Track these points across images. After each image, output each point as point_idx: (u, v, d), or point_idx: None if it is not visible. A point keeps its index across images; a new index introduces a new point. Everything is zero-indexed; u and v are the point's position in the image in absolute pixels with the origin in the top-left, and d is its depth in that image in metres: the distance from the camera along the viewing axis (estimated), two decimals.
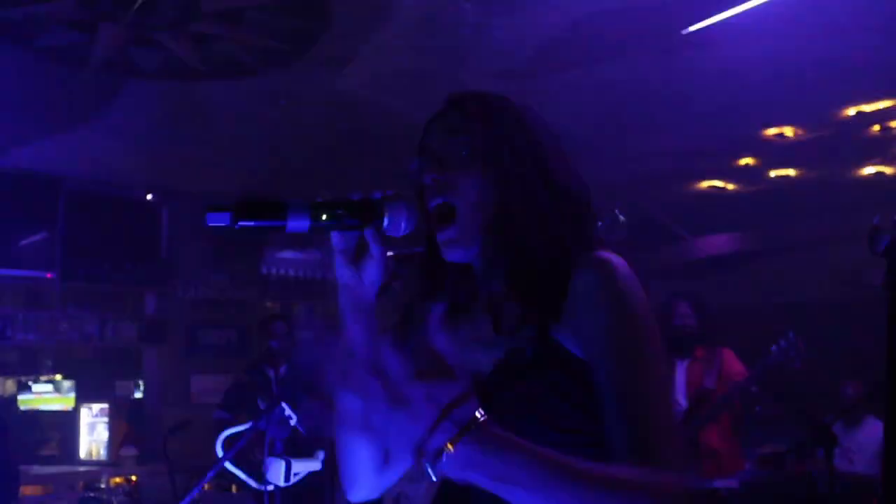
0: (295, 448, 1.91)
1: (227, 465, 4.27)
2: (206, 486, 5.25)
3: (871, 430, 5.02)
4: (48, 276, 5.73)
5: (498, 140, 1.15)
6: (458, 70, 4.01)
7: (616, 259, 1.10)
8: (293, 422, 1.84)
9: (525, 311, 1.11)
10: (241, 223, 1.05)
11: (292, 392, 1.89)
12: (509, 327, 1.13)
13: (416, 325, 1.25)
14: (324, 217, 1.08)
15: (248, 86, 4.20)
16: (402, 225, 1.13)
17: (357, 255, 1.17)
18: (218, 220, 1.05)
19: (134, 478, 5.16)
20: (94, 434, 6.19)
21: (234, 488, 5.26)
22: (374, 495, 1.31)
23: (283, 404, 1.84)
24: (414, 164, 1.22)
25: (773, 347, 3.93)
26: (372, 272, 1.16)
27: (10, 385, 6.53)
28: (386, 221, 1.12)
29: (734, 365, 4.27)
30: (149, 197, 6.47)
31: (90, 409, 6.25)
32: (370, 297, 1.18)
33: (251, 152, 5.37)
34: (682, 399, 4.25)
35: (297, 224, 1.07)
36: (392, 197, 1.13)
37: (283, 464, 1.75)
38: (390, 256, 1.18)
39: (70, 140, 5.04)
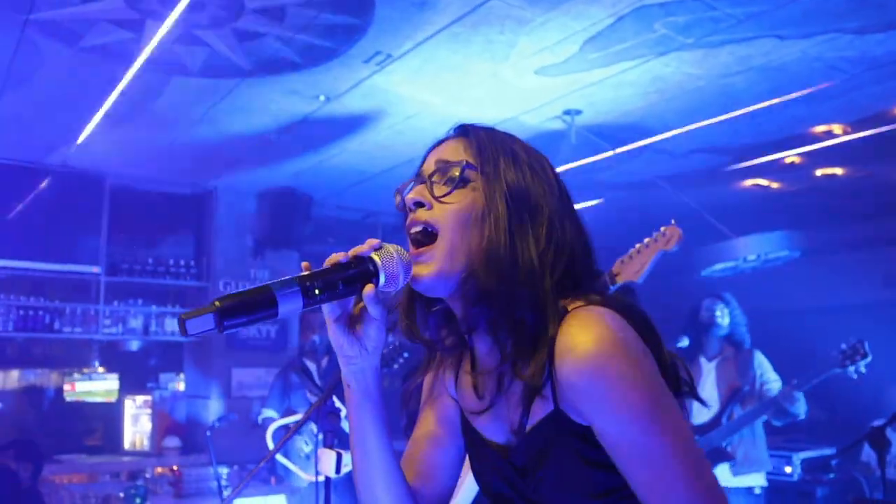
0: (339, 441, 1.92)
1: (278, 456, 4.35)
2: (246, 477, 5.36)
3: None
4: (94, 270, 5.83)
5: (490, 171, 1.09)
6: (501, 66, 4.00)
7: (598, 317, 1.01)
8: (343, 413, 1.85)
9: (512, 376, 1.06)
10: (227, 323, 0.92)
11: (339, 384, 1.89)
12: (490, 397, 1.09)
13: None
14: (317, 293, 0.99)
15: (290, 82, 4.23)
16: (400, 278, 1.04)
17: (355, 321, 1.08)
18: (199, 328, 0.91)
19: (176, 468, 5.24)
20: (137, 425, 6.30)
21: (273, 481, 5.33)
22: None
23: (333, 396, 1.85)
24: (404, 188, 1.17)
25: (836, 352, 3.79)
26: (374, 336, 1.07)
27: (55, 377, 6.68)
28: (382, 278, 1.03)
29: (767, 368, 4.22)
30: (190, 193, 6.58)
31: (134, 400, 6.36)
32: (375, 362, 1.09)
33: (293, 149, 5.42)
34: (714, 398, 4.21)
35: (290, 308, 0.97)
36: (382, 249, 1.05)
37: (334, 455, 1.76)
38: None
39: (115, 137, 5.13)
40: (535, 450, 1.05)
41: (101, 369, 6.67)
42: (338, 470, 1.77)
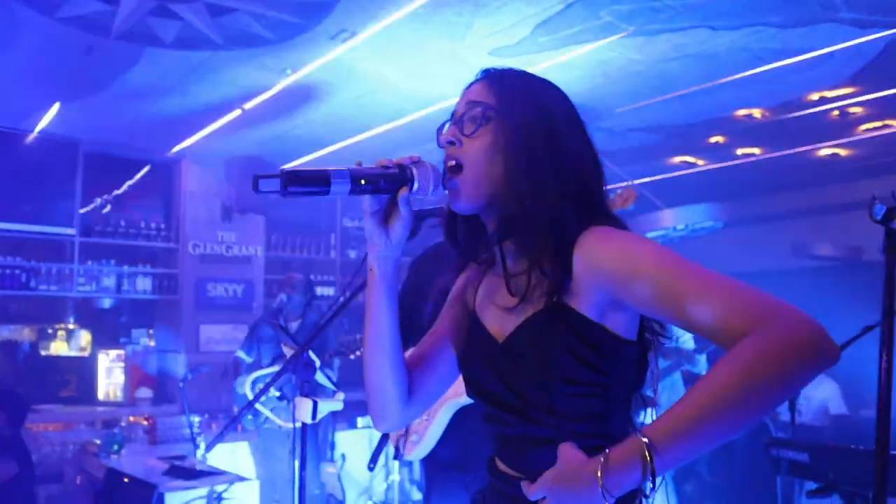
0: (314, 390, 1.93)
1: (258, 405, 4.33)
2: (213, 426, 5.32)
3: (819, 386, 5.14)
4: (69, 231, 5.67)
5: (508, 110, 1.17)
6: (458, 46, 3.97)
7: (614, 228, 1.13)
8: (317, 365, 1.86)
9: (533, 278, 1.14)
10: (290, 189, 1.06)
11: (314, 338, 1.90)
12: (520, 292, 1.15)
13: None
14: (362, 182, 1.12)
15: (259, 56, 4.14)
16: (430, 187, 1.17)
17: (387, 217, 1.20)
18: (268, 187, 1.07)
19: (148, 417, 5.18)
20: (111, 377, 6.19)
21: (239, 428, 5.30)
22: (399, 427, 1.39)
23: (308, 350, 1.86)
24: (442, 128, 1.26)
25: None
26: (399, 231, 1.20)
27: (30, 333, 6.49)
28: (416, 185, 1.16)
29: None
30: (161, 159, 6.41)
31: (107, 354, 6.24)
32: (396, 254, 1.23)
33: (260, 119, 5.31)
34: None
35: (340, 189, 1.10)
36: (420, 163, 1.17)
37: (310, 403, 1.77)
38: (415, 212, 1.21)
39: (90, 105, 4.96)
40: (528, 333, 1.14)
41: (74, 325, 6.51)
42: (314, 416, 1.79)
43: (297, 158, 6.30)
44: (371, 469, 2.52)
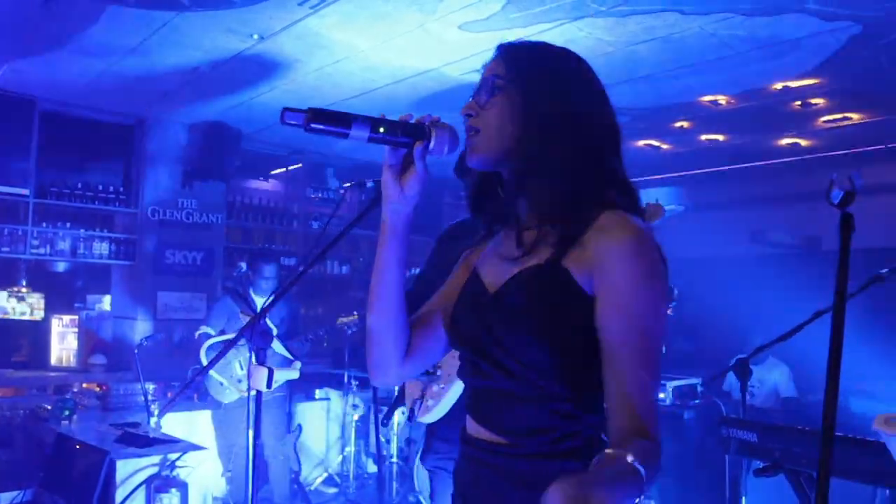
0: (270, 359, 1.90)
1: (211, 372, 4.27)
2: (168, 394, 5.24)
3: (772, 370, 5.27)
4: (23, 192, 5.50)
5: (516, 79, 1.22)
6: (428, 19, 3.92)
7: (645, 227, 1.15)
8: (274, 333, 1.84)
9: (542, 233, 1.19)
10: (312, 125, 1.11)
11: (270, 306, 1.87)
12: (527, 247, 1.21)
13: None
14: (381, 130, 1.17)
15: (225, 19, 4.03)
16: (445, 147, 1.21)
17: (403, 171, 1.24)
18: (293, 119, 1.11)
19: (98, 383, 5.09)
20: (64, 343, 6.06)
21: (195, 397, 5.24)
22: (393, 383, 1.43)
23: (266, 318, 1.83)
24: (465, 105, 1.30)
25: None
26: (413, 186, 1.24)
27: None
28: (432, 142, 1.20)
29: None
30: (122, 121, 6.24)
31: (61, 319, 6.10)
32: (409, 208, 1.26)
33: (225, 84, 5.20)
34: None
35: (359, 133, 1.15)
36: (440, 123, 1.22)
37: (266, 372, 1.75)
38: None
39: (47, 62, 4.79)
40: (520, 283, 1.19)
41: (27, 289, 6.35)
42: (269, 385, 1.77)
43: (261, 126, 6.19)
44: (385, 425, 2.56)
